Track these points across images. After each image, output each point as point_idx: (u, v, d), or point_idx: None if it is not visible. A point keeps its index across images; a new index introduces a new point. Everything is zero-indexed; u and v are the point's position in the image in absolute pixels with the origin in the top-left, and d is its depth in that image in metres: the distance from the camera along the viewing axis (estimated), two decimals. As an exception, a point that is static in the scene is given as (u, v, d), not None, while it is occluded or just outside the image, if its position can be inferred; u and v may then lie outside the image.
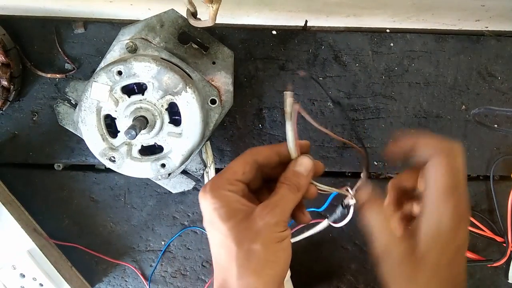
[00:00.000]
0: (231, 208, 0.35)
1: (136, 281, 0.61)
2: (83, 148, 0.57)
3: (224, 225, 0.34)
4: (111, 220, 0.59)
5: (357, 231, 0.60)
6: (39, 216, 0.58)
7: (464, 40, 0.56)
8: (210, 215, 0.35)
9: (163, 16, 0.48)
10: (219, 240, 0.35)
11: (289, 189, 0.36)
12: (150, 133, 0.45)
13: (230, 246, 0.34)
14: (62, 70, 0.55)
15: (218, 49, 0.50)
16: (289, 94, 0.36)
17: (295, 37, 0.55)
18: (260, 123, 0.57)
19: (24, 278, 0.55)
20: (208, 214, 0.35)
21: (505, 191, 0.58)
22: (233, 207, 0.35)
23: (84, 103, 0.44)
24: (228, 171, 0.37)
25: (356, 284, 0.61)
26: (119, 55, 0.47)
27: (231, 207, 0.35)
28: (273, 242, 0.35)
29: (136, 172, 0.46)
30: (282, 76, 0.56)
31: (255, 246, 0.34)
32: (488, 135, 0.58)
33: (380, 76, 0.56)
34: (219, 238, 0.35)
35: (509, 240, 0.58)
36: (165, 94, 0.44)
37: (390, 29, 0.57)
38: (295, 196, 0.36)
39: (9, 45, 0.52)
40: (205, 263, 0.60)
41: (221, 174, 0.37)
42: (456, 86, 0.57)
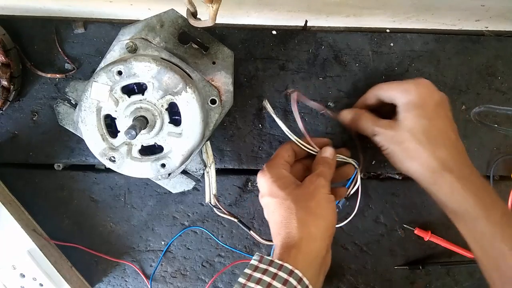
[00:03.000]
0: (286, 180, 0.46)
1: (136, 281, 0.61)
2: (83, 148, 0.57)
3: (284, 191, 0.44)
4: (111, 220, 0.59)
5: (357, 231, 0.60)
6: (39, 216, 0.58)
7: (464, 40, 0.56)
8: (270, 186, 0.46)
9: (163, 16, 0.48)
10: (278, 203, 0.44)
11: (324, 166, 0.48)
12: (150, 133, 0.45)
13: (290, 206, 0.43)
14: (62, 70, 0.55)
15: (218, 49, 0.50)
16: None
17: (295, 37, 0.55)
18: (260, 123, 0.57)
19: (24, 278, 0.55)
20: (268, 186, 0.46)
21: (505, 191, 0.58)
22: (288, 179, 0.46)
23: (84, 103, 0.44)
24: (278, 156, 0.49)
25: (356, 284, 0.61)
26: (119, 55, 0.47)
27: (286, 179, 0.46)
28: (323, 201, 0.44)
29: (136, 172, 0.46)
30: (282, 76, 0.56)
31: (310, 203, 0.44)
32: (488, 135, 0.58)
33: (380, 76, 0.56)
34: (278, 202, 0.44)
35: (509, 240, 0.58)
36: (165, 94, 0.44)
37: (390, 29, 0.57)
38: (330, 170, 0.48)
39: (9, 45, 0.52)
40: (205, 263, 0.60)
41: (273, 158, 0.49)
42: (456, 86, 0.57)
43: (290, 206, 0.43)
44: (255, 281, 0.38)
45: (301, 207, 0.43)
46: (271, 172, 0.46)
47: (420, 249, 0.61)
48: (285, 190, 0.44)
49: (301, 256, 0.41)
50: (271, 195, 0.45)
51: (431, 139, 0.44)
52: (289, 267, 0.39)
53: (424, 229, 0.59)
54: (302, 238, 0.41)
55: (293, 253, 0.41)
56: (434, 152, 0.44)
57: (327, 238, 0.44)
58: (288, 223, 0.43)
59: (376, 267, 0.61)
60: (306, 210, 0.43)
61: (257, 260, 0.41)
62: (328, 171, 0.48)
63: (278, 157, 0.49)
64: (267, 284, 0.38)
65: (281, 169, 0.47)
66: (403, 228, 0.60)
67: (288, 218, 0.43)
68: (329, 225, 0.44)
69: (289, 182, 0.46)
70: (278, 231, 0.44)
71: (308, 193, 0.44)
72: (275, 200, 0.44)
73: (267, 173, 0.46)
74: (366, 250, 0.61)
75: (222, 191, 0.58)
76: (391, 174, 0.60)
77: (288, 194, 0.44)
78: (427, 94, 0.45)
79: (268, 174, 0.46)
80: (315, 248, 0.42)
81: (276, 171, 0.47)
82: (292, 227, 0.42)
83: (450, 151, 0.44)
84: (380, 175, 0.60)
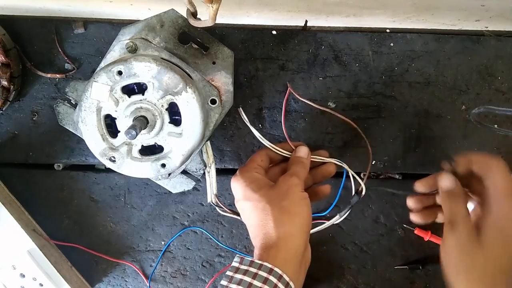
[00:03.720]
0: (260, 182, 0.46)
1: (136, 281, 0.61)
2: (83, 148, 0.57)
3: (257, 193, 0.44)
4: (111, 220, 0.59)
5: (357, 231, 0.60)
6: (39, 216, 0.58)
7: (464, 40, 0.56)
8: (244, 190, 0.45)
9: (163, 16, 0.48)
10: (252, 206, 0.44)
11: (297, 165, 0.48)
12: (150, 133, 0.45)
13: (264, 207, 0.43)
14: (62, 70, 0.55)
15: (218, 49, 0.50)
16: None
17: (295, 37, 0.55)
18: (260, 123, 0.57)
19: (24, 278, 0.55)
20: (242, 190, 0.46)
21: (505, 191, 0.58)
22: (261, 181, 0.47)
23: (84, 103, 0.44)
24: (251, 161, 0.49)
25: (356, 284, 0.61)
26: (119, 55, 0.47)
27: (260, 181, 0.46)
28: (297, 199, 0.45)
29: (136, 172, 0.46)
30: (282, 76, 0.56)
31: (285, 202, 0.44)
32: (488, 135, 0.58)
33: (380, 76, 0.56)
34: (254, 205, 0.44)
35: (509, 240, 0.58)
36: (165, 94, 0.44)
37: (390, 29, 0.57)
38: (303, 169, 0.48)
39: (9, 45, 0.52)
40: (205, 263, 0.60)
41: (246, 164, 0.49)
42: (456, 86, 0.57)
43: (265, 207, 0.43)
44: (236, 282, 0.39)
45: (275, 207, 0.43)
46: (244, 176, 0.46)
47: (420, 249, 0.61)
48: (258, 192, 0.45)
49: (280, 255, 0.41)
50: (245, 199, 0.45)
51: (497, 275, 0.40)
52: (268, 265, 0.40)
53: (424, 229, 0.59)
54: (280, 238, 0.42)
55: (272, 252, 0.41)
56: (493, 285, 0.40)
57: (304, 234, 0.44)
58: (265, 224, 0.43)
59: (376, 267, 0.61)
60: (281, 209, 0.43)
61: (237, 262, 0.41)
62: (302, 170, 0.48)
63: (251, 162, 0.49)
64: (248, 284, 0.38)
65: (253, 173, 0.47)
66: (403, 228, 0.60)
67: (264, 219, 0.43)
68: (305, 222, 0.44)
69: (263, 184, 0.46)
70: (256, 233, 0.44)
71: (282, 193, 0.44)
72: (250, 203, 0.45)
73: (240, 178, 0.46)
74: (366, 250, 0.61)
75: (222, 191, 0.58)
76: (391, 174, 0.60)
77: (262, 196, 0.44)
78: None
79: (241, 179, 0.46)
80: (293, 245, 0.43)
81: (248, 175, 0.47)
82: (269, 228, 0.43)
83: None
84: (380, 175, 0.60)
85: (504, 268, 0.40)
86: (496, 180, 0.41)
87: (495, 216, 0.40)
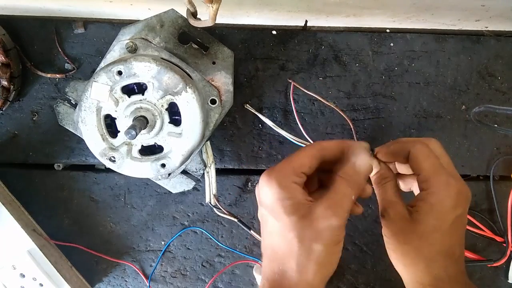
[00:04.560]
0: (295, 201, 0.35)
1: (136, 281, 0.61)
2: (83, 148, 0.57)
3: (288, 218, 0.35)
4: (111, 220, 0.59)
5: (357, 231, 0.60)
6: (39, 216, 0.58)
7: (464, 40, 0.56)
8: (273, 203, 0.36)
9: (163, 16, 0.48)
10: (279, 230, 0.36)
11: (349, 186, 0.37)
12: (150, 133, 0.45)
13: (291, 241, 0.35)
14: (62, 70, 0.55)
15: (218, 49, 0.50)
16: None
17: (295, 37, 0.55)
18: (260, 123, 0.57)
19: (24, 278, 0.55)
20: (271, 202, 0.36)
21: (505, 191, 0.58)
22: (297, 200, 0.36)
23: (84, 103, 0.44)
24: (296, 161, 0.37)
25: (356, 284, 0.61)
26: (119, 55, 0.47)
27: (296, 200, 0.36)
28: (332, 244, 0.36)
29: (136, 172, 0.46)
30: (282, 76, 0.56)
31: (316, 246, 0.35)
32: (488, 135, 0.58)
33: (380, 76, 0.57)
34: (279, 228, 0.36)
35: (509, 240, 0.58)
36: (165, 94, 0.44)
37: (390, 29, 0.57)
38: (355, 193, 0.37)
39: (9, 45, 0.52)
40: (205, 263, 0.60)
41: (288, 163, 0.37)
42: (456, 86, 0.57)
43: (292, 242, 0.35)
44: None
45: (305, 248, 0.35)
46: (280, 183, 0.36)
47: (420, 249, 0.61)
48: (291, 217, 0.35)
49: None
50: (272, 213, 0.36)
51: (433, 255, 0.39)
52: None
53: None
54: (298, 285, 0.36)
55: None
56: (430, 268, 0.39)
57: (324, 283, 0.37)
58: (285, 261, 0.36)
59: (376, 267, 0.61)
60: (310, 254, 0.35)
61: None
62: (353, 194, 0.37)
63: (295, 163, 0.37)
64: None
65: (292, 183, 0.36)
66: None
67: (287, 255, 0.36)
68: (330, 272, 0.37)
69: (299, 205, 0.35)
70: (271, 259, 0.37)
71: (317, 231, 0.35)
72: (274, 223, 0.36)
73: (274, 184, 0.36)
74: (366, 250, 0.61)
75: (222, 191, 0.58)
76: (391, 174, 0.60)
77: (294, 224, 0.35)
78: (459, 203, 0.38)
79: (276, 186, 0.36)
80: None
81: (286, 183, 0.36)
82: (289, 268, 0.36)
83: (448, 269, 0.39)
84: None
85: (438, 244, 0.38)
86: (419, 159, 0.39)
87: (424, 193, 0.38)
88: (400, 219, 0.39)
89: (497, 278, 0.61)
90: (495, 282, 0.61)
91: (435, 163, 0.38)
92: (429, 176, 0.38)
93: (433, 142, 0.41)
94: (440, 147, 0.41)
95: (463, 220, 0.39)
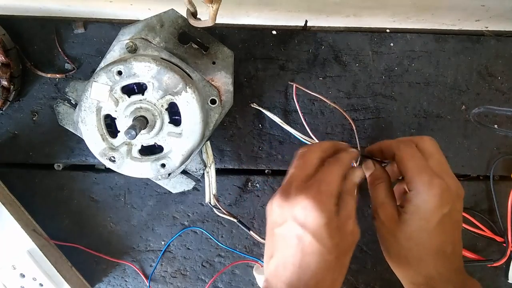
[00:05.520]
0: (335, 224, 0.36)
1: (136, 281, 0.61)
2: (83, 148, 0.57)
3: (332, 242, 0.36)
4: (111, 220, 0.59)
5: (357, 231, 0.60)
6: (39, 216, 0.58)
7: (464, 40, 0.56)
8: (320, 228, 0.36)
9: (163, 16, 0.48)
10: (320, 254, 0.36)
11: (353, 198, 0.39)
12: (150, 133, 0.45)
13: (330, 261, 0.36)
14: (62, 70, 0.55)
15: (218, 49, 0.50)
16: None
17: (295, 37, 0.55)
18: (260, 123, 0.57)
19: (24, 278, 0.55)
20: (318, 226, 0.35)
21: (505, 191, 0.58)
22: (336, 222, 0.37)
23: (84, 103, 0.44)
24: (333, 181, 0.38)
25: (356, 284, 0.61)
26: (119, 55, 0.47)
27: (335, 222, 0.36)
28: (351, 255, 0.39)
29: (136, 172, 0.46)
30: (282, 76, 0.56)
31: (346, 260, 0.39)
32: (488, 135, 0.58)
33: (380, 76, 0.57)
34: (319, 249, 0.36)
35: (509, 240, 0.58)
36: (165, 94, 0.44)
37: (390, 29, 0.57)
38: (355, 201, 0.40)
39: (9, 45, 0.52)
40: (205, 263, 0.60)
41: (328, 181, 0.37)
42: (456, 86, 0.57)
43: (330, 261, 0.36)
44: None
45: (339, 266, 0.38)
46: (326, 207, 0.36)
47: (420, 249, 0.61)
48: (333, 240, 0.36)
49: None
50: (316, 237, 0.36)
51: (422, 255, 0.39)
52: None
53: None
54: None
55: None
56: (421, 268, 0.40)
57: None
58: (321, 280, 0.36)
59: (376, 267, 0.61)
60: (341, 269, 0.38)
61: None
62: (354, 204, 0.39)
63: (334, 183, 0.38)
64: None
65: (334, 206, 0.37)
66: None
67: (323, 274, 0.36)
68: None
69: (336, 226, 0.37)
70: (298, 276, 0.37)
71: (347, 246, 0.38)
72: (319, 247, 0.36)
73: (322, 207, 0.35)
74: (366, 250, 0.61)
75: (222, 191, 0.58)
76: (391, 174, 0.60)
77: (335, 247, 0.36)
78: (444, 202, 0.38)
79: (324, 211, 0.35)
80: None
81: (330, 208, 0.36)
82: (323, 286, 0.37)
83: (439, 268, 0.40)
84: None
85: (427, 244, 0.39)
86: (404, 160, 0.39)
87: (415, 198, 0.38)
88: (388, 220, 0.40)
89: (497, 278, 0.61)
90: (495, 282, 0.61)
91: (419, 164, 0.39)
92: (413, 177, 0.39)
93: (425, 140, 0.41)
94: (432, 145, 0.41)
95: (452, 217, 0.39)
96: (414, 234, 0.39)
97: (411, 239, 0.39)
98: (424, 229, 0.38)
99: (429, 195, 0.38)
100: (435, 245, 0.39)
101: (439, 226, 0.38)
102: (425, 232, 0.38)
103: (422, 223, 0.38)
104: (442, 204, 0.38)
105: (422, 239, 0.39)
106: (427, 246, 0.39)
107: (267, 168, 0.58)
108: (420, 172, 0.38)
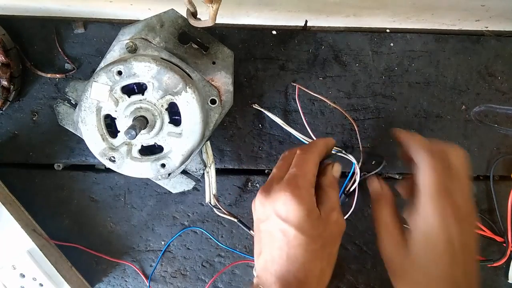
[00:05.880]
0: (316, 213, 0.37)
1: (136, 281, 0.61)
2: (83, 148, 0.57)
3: (316, 231, 0.37)
4: (111, 220, 0.59)
5: (357, 231, 0.60)
6: (39, 216, 0.58)
7: (464, 40, 0.56)
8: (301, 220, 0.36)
9: (163, 16, 0.48)
10: (305, 244, 0.37)
11: (336, 191, 0.41)
12: (150, 133, 0.45)
13: (315, 251, 0.37)
14: (62, 70, 0.55)
15: (218, 49, 0.50)
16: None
17: (295, 37, 0.55)
18: (260, 123, 0.57)
19: (24, 278, 0.55)
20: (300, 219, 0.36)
21: (505, 191, 0.58)
22: (316, 212, 0.38)
23: (84, 103, 0.44)
24: (309, 173, 0.39)
25: (356, 284, 0.61)
26: (119, 55, 0.47)
27: (315, 212, 0.38)
28: (339, 245, 0.40)
29: (136, 172, 0.46)
30: (282, 76, 0.56)
31: (333, 249, 0.39)
32: (488, 135, 0.58)
33: (380, 76, 0.57)
34: (304, 241, 0.37)
35: (509, 240, 0.58)
36: (165, 94, 0.44)
37: (390, 29, 0.57)
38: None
39: (9, 45, 0.52)
40: (205, 263, 0.60)
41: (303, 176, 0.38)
42: (456, 86, 0.57)
43: (316, 250, 0.37)
44: None
45: (327, 255, 0.38)
46: (305, 199, 0.37)
47: (420, 249, 0.61)
48: (316, 230, 0.37)
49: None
50: (299, 229, 0.36)
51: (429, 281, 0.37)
52: None
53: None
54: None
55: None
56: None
57: None
58: (309, 270, 0.37)
59: (376, 267, 0.61)
60: (329, 258, 0.38)
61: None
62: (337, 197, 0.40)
63: (308, 175, 0.38)
64: None
65: (312, 197, 0.38)
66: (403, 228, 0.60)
67: (310, 264, 0.37)
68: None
69: (317, 217, 0.37)
70: (287, 268, 0.37)
71: (333, 237, 0.39)
72: (303, 238, 0.36)
73: (300, 200, 0.36)
74: (366, 250, 0.61)
75: (222, 191, 0.58)
76: (391, 174, 0.60)
77: (319, 237, 0.37)
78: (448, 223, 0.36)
79: (303, 203, 0.36)
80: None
81: (309, 199, 0.37)
82: (312, 275, 0.37)
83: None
84: (380, 175, 0.60)
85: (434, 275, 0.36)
86: (425, 175, 0.37)
87: (420, 219, 0.37)
88: (392, 243, 0.40)
89: (497, 278, 0.61)
90: (495, 282, 0.61)
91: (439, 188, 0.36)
92: (419, 193, 0.37)
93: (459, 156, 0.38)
94: (459, 158, 0.38)
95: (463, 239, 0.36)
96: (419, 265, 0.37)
97: (416, 269, 0.37)
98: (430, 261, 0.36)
99: (431, 214, 0.36)
100: (444, 271, 0.36)
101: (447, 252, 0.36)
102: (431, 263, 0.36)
103: (428, 256, 0.36)
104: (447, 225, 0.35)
105: (428, 273, 0.37)
106: (433, 271, 0.37)
107: (267, 168, 0.58)
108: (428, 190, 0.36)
